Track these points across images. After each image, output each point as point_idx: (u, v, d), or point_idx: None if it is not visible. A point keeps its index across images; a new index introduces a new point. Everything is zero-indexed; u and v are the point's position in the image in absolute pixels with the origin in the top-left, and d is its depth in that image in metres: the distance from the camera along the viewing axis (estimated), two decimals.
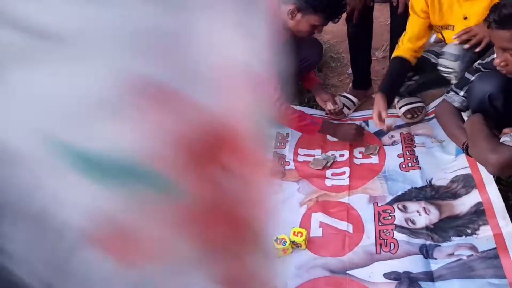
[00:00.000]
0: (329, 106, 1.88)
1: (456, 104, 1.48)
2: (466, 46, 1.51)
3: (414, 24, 1.69)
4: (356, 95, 2.01)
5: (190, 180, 0.32)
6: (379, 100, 1.70)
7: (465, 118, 1.49)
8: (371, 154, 1.75)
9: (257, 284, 0.37)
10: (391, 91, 1.75)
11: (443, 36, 1.70)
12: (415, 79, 1.78)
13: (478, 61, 1.47)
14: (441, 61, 1.61)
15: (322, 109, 2.01)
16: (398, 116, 1.90)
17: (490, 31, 1.26)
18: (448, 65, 1.58)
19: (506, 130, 1.32)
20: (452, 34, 1.60)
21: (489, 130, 1.32)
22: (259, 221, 0.37)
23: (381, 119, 1.68)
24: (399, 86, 1.78)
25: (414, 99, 1.88)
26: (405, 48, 1.71)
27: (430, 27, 1.70)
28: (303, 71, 1.92)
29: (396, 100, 1.90)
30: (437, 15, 1.63)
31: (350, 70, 2.23)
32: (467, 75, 1.47)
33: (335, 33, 2.51)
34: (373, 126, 1.89)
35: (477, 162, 1.43)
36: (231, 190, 0.35)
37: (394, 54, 1.75)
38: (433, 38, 1.91)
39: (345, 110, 1.97)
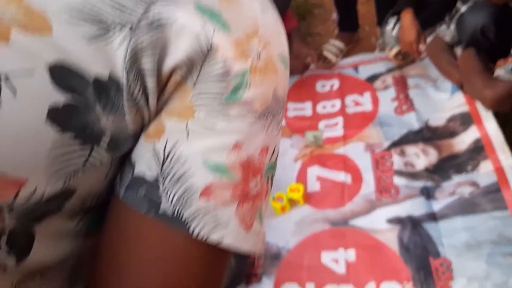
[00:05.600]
0: (309, 60, 1.85)
1: (447, 39, 1.49)
2: None
3: None
4: (343, 40, 2.00)
5: None
6: (409, 19, 1.62)
7: (458, 54, 1.50)
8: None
9: None
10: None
11: None
12: None
13: None
14: None
15: None
16: (389, 59, 1.90)
17: None
18: None
19: (500, 62, 1.33)
20: None
21: (482, 65, 1.34)
22: None
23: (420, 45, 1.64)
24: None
25: None
26: None
27: None
28: None
29: (390, 46, 1.89)
30: None
31: (334, 16, 2.21)
32: (458, 4, 1.47)
33: None
34: (364, 72, 1.91)
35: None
36: None
37: None
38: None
39: (333, 58, 1.97)
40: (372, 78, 1.87)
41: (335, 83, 1.90)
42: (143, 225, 0.32)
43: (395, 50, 1.86)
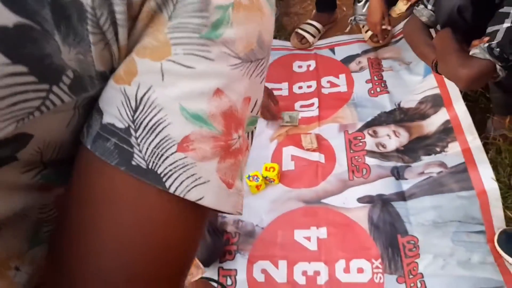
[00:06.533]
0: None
1: (424, 19, 1.50)
2: None
3: None
4: (320, 20, 2.01)
5: None
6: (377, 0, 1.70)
7: (434, 35, 1.52)
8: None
9: None
10: None
11: None
12: None
13: None
14: None
15: (286, 39, 2.02)
16: (365, 41, 1.92)
17: None
18: None
19: (475, 42, 1.35)
20: None
21: (458, 44, 1.36)
22: None
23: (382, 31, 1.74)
24: None
25: None
26: None
27: None
28: None
29: (361, 24, 1.91)
30: None
31: None
32: None
33: None
34: (340, 53, 1.92)
35: (446, 79, 1.49)
36: None
37: None
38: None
39: (310, 38, 1.97)
40: (348, 60, 1.88)
41: (312, 64, 1.91)
42: (114, 179, 0.28)
43: (370, 32, 1.87)
